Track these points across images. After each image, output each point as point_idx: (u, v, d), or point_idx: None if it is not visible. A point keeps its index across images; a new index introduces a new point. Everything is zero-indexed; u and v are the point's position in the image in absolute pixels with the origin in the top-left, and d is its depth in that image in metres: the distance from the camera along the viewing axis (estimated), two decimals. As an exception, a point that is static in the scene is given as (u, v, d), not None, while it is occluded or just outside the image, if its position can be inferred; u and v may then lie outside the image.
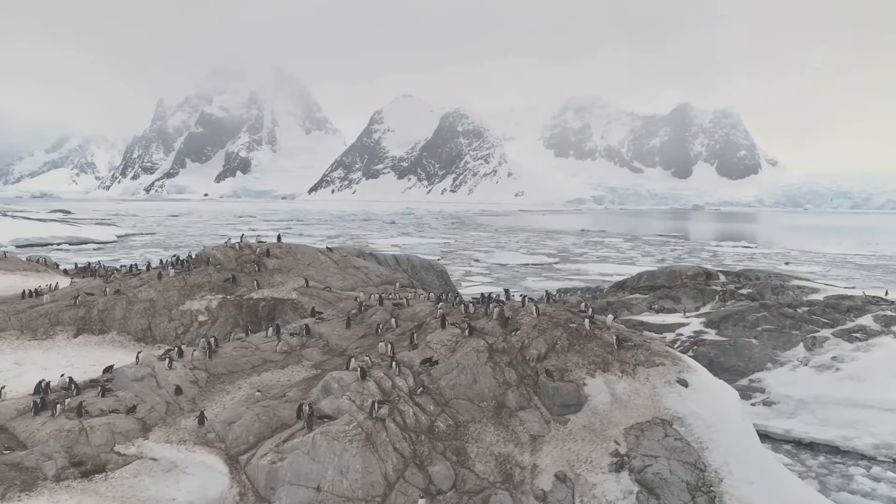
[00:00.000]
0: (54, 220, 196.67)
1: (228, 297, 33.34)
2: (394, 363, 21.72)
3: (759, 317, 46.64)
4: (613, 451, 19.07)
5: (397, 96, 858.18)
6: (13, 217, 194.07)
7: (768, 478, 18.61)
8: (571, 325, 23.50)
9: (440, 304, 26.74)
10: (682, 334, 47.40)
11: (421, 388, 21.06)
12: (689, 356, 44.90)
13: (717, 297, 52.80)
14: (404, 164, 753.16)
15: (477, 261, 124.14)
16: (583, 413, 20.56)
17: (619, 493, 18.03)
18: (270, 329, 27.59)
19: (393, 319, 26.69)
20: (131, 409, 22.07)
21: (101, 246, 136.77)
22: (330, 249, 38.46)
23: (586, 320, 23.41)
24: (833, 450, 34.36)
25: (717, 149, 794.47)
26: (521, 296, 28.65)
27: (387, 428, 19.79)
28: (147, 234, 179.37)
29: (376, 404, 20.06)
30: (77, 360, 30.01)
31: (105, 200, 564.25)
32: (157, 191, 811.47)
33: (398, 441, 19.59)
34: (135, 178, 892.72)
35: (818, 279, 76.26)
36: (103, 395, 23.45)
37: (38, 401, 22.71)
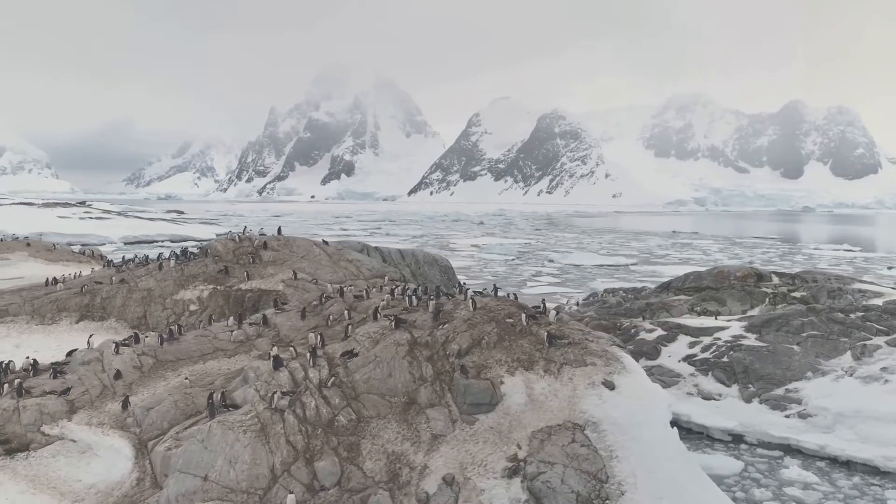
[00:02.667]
0: (163, 220, 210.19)
1: (219, 287, 33.86)
2: (309, 354, 21.02)
3: (804, 322, 42.42)
4: (512, 455, 17.48)
5: (495, 99, 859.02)
6: (126, 216, 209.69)
7: (682, 494, 16.40)
8: (508, 320, 21.93)
9: (385, 296, 25.77)
10: (719, 338, 43.88)
11: (332, 381, 20.22)
12: (724, 362, 41.84)
13: (766, 299, 48.49)
14: (501, 165, 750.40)
15: (551, 261, 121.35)
16: (494, 413, 19.04)
17: (505, 501, 16.47)
18: (231, 318, 27.62)
19: (346, 311, 25.98)
20: (64, 391, 22.60)
21: (198, 243, 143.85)
22: (326, 242, 38.37)
23: (523, 315, 21.76)
24: (871, 470, 30.57)
25: (831, 147, 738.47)
26: (466, 289, 27.14)
27: (285, 420, 19.12)
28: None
29: (276, 395, 19.45)
30: (69, 344, 31.28)
31: (221, 202, 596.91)
32: (268, 193, 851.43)
33: (293, 434, 18.87)
34: (249, 181, 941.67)
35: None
36: (54, 377, 24.22)
37: (-7, 380, 23.74)
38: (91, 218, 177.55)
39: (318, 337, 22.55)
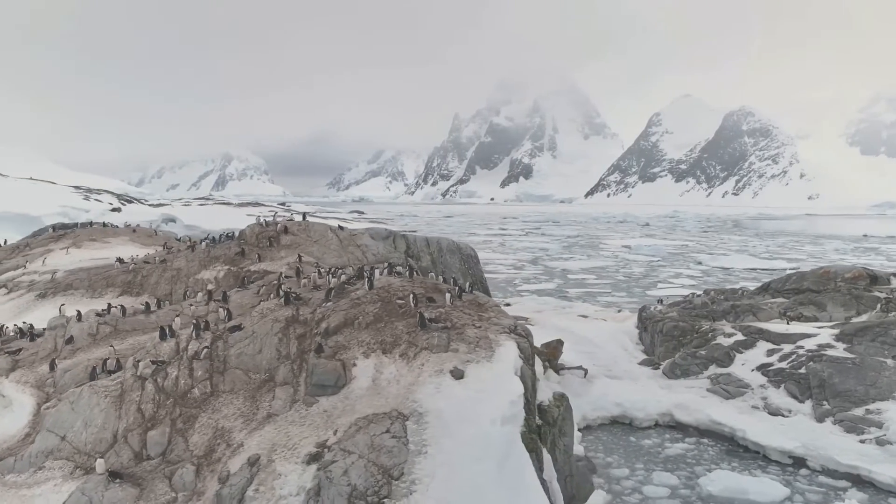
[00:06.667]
0: (337, 219, 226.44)
1: (233, 268, 35.06)
2: (192, 327, 20.88)
3: (907, 332, 34.98)
4: (323, 441, 15.94)
5: (676, 97, 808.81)
6: (306, 216, 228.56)
7: (475, 502, 13.89)
8: (399, 301, 20.15)
9: (311, 274, 24.90)
10: (801, 346, 37.82)
11: (204, 353, 19.85)
12: (800, 373, 36.09)
13: (878, 306, 40.45)
14: (682, 166, 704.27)
15: (699, 263, 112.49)
16: (336, 396, 17.58)
17: (293, 488, 15.04)
18: (200, 294, 28.39)
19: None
20: (16, 351, 24.52)
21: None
22: (341, 228, 38.40)
23: (411, 296, 19.86)
24: (956, 515, 24.72)
25: None
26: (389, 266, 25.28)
27: (144, 388, 19.13)
28: (409, 231, 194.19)
29: (141, 363, 19.52)
30: (96, 315, 34.09)
31: (407, 204, 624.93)
32: (451, 196, 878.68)
33: (147, 402, 18.82)
34: (434, 184, 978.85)
35: None
36: (31, 340, 26.42)
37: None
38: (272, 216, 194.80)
39: (225, 311, 22.39)
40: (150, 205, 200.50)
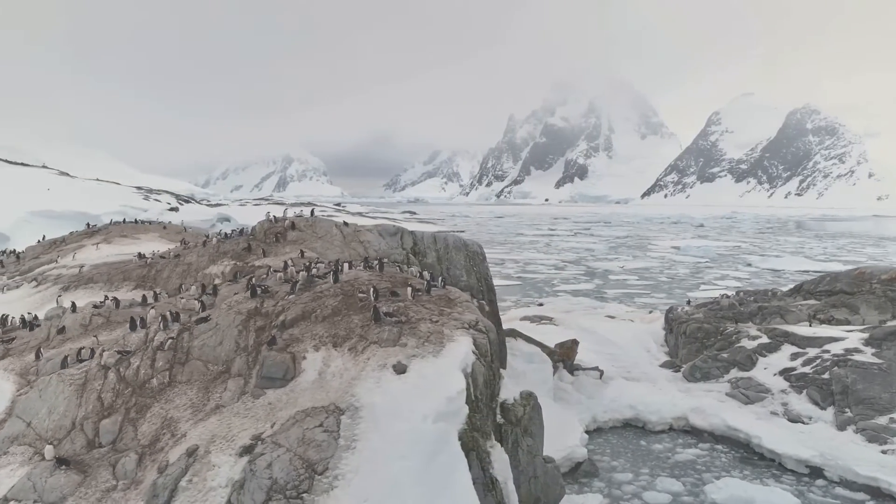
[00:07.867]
0: (386, 219, 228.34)
1: (239, 263, 35.33)
2: (160, 318, 20.98)
3: (941, 337, 32.73)
4: (259, 433, 15.70)
5: (737, 95, 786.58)
6: (355, 215, 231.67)
7: (395, 499, 13.37)
8: (360, 294, 19.78)
9: (290, 269, 24.75)
10: (827, 350, 36.24)
11: (168, 344, 19.92)
12: (823, 379, 34.53)
13: (915, 309, 38.01)
14: (743, 166, 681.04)
15: (748, 265, 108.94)
16: (283, 389, 17.33)
17: (223, 480, 14.86)
18: (194, 287, 28.68)
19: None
20: (9, 340, 25.20)
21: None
22: (346, 224, 38.34)
23: (371, 289, 19.45)
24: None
25: None
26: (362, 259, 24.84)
27: (106, 377, 19.30)
28: (457, 231, 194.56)
29: (105, 353, 19.71)
30: (107, 308, 34.90)
31: (461, 205, 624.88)
32: (505, 196, 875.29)
33: (107, 391, 18.97)
34: (488, 185, 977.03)
35: None
36: (30, 330, 27.17)
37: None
38: (323, 216, 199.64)
39: (200, 304, 22.47)
40: (207, 204, 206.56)
